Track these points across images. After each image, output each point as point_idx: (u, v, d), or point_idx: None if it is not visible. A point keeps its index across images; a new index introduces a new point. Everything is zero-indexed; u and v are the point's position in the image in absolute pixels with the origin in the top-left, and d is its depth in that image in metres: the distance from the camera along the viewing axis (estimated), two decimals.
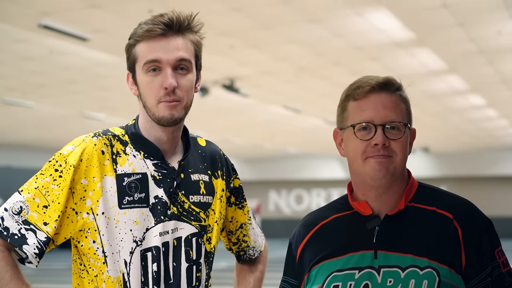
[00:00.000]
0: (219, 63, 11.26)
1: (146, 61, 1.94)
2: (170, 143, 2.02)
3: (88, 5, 8.18)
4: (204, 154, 2.13)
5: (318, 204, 27.16)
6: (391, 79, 1.86)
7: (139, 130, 2.02)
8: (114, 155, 1.97)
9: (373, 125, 1.83)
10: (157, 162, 2.00)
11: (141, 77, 1.97)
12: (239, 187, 2.21)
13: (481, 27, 9.54)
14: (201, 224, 2.03)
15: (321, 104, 15.06)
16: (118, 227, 1.93)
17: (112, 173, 1.95)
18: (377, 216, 1.88)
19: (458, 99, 15.32)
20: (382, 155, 1.82)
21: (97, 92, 13.82)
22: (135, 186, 1.96)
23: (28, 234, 1.88)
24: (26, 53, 10.57)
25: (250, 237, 2.24)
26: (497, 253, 1.85)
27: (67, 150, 1.96)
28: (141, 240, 1.94)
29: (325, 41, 10.05)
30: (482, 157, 26.67)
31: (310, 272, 1.92)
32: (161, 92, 1.94)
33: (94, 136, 1.99)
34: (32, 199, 1.91)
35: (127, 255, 1.93)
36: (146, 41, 1.95)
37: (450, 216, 1.85)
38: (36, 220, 1.89)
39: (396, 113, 1.84)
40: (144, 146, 2.00)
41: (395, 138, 1.83)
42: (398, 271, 1.81)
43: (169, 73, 1.93)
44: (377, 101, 1.84)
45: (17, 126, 18.16)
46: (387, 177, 1.83)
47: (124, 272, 1.93)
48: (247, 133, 21.08)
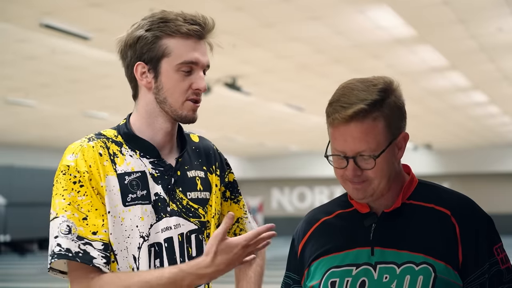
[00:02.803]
0: (221, 62, 11.26)
1: (185, 61, 1.96)
2: (168, 140, 2.04)
3: (89, 4, 8.19)
4: (198, 150, 2.14)
5: (321, 201, 27.15)
6: (360, 108, 1.79)
7: (131, 129, 2.03)
8: (111, 156, 1.98)
9: (344, 158, 1.82)
10: (153, 160, 2.00)
11: (170, 74, 1.97)
12: (233, 181, 2.22)
13: (482, 24, 9.54)
14: (201, 220, 2.05)
15: (323, 101, 14.85)
16: (124, 224, 1.94)
17: (113, 172, 1.96)
18: (374, 213, 1.89)
19: (460, 96, 15.31)
20: (357, 182, 1.83)
21: (99, 91, 13.83)
22: (136, 184, 1.97)
23: (88, 248, 1.88)
24: (28, 53, 10.59)
25: (247, 231, 2.24)
26: (496, 250, 1.84)
27: (71, 159, 1.95)
28: (148, 236, 1.95)
29: (326, 38, 10.05)
30: (485, 154, 26.65)
31: (310, 267, 1.94)
32: (189, 91, 1.98)
33: (89, 140, 1.99)
34: (72, 215, 1.89)
35: (135, 250, 1.94)
36: (183, 39, 1.97)
37: (448, 213, 1.85)
38: (85, 234, 1.88)
39: (367, 144, 1.79)
40: (139, 145, 2.01)
41: (368, 167, 1.81)
42: (394, 267, 1.82)
43: (203, 76, 2.00)
44: (346, 133, 1.81)
45: (20, 125, 18.18)
46: (368, 198, 1.85)
47: (134, 267, 1.94)
48: (249, 131, 21.08)
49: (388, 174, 1.84)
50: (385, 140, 1.82)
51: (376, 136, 1.81)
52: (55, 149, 20.81)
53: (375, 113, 1.80)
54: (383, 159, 1.82)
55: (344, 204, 1.97)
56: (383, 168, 1.82)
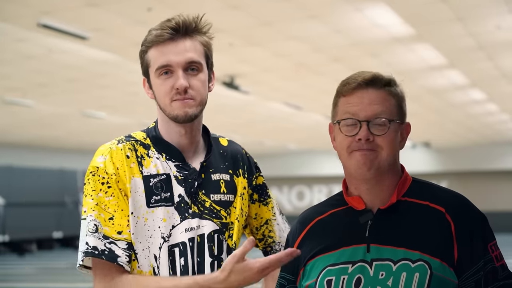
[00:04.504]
0: (219, 61, 11.19)
1: (158, 66, 2.04)
2: (189, 143, 2.11)
3: (87, 4, 8.18)
4: (226, 154, 2.21)
5: (319, 200, 27.08)
6: (378, 75, 1.89)
7: (159, 133, 2.12)
8: (139, 158, 2.07)
9: (358, 121, 1.86)
10: (178, 163, 2.09)
11: (155, 81, 2.07)
12: (262, 184, 2.29)
13: (480, 22, 9.54)
14: (222, 221, 2.11)
15: (322, 100, 15.05)
16: (147, 225, 2.02)
17: (139, 174, 2.05)
18: (369, 210, 1.90)
19: (458, 94, 15.32)
20: (366, 149, 1.86)
21: (97, 91, 13.82)
22: (160, 186, 2.06)
23: (113, 247, 1.98)
24: (26, 52, 10.58)
25: (275, 232, 2.29)
26: (491, 247, 1.86)
27: (100, 161, 2.05)
28: (168, 236, 2.03)
29: (324, 37, 10.04)
30: (483, 152, 26.67)
31: (305, 267, 1.95)
32: (172, 92, 2.04)
33: (119, 142, 2.09)
34: (99, 215, 2.00)
35: (156, 250, 2.02)
36: (156, 47, 2.05)
37: (443, 210, 1.87)
38: (110, 233, 1.99)
39: (382, 108, 1.86)
40: (165, 148, 2.10)
41: (380, 133, 1.85)
42: (390, 264, 1.83)
43: (180, 75, 2.03)
44: (363, 96, 1.87)
45: (18, 125, 18.16)
46: (372, 170, 1.86)
47: (155, 266, 2.02)
48: (248, 130, 21.08)
49: (395, 151, 1.88)
50: (396, 116, 1.88)
51: (391, 107, 1.88)
52: (54, 149, 20.82)
53: (390, 88, 1.89)
54: (393, 132, 1.87)
55: (338, 203, 1.98)
56: (392, 139, 1.86)
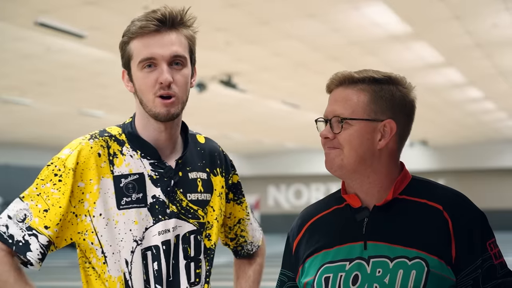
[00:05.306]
0: (216, 59, 11.26)
1: (142, 59, 1.95)
2: (167, 141, 2.02)
3: (84, 2, 8.18)
4: (203, 151, 2.13)
5: (317, 198, 27.09)
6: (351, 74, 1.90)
7: (135, 129, 2.02)
8: (111, 157, 1.98)
9: (324, 121, 1.91)
10: (153, 161, 2.00)
11: (136, 74, 1.97)
12: (237, 183, 2.22)
13: (478, 20, 9.54)
14: (200, 221, 2.05)
15: (319, 99, 15.05)
16: (117, 228, 1.94)
17: (109, 175, 1.96)
18: (365, 208, 1.90)
19: (456, 92, 15.33)
20: (328, 147, 1.89)
21: (95, 89, 13.82)
22: (132, 186, 1.97)
23: (31, 239, 1.89)
24: (24, 51, 10.57)
25: (248, 232, 2.25)
26: (489, 245, 1.85)
27: (64, 154, 1.96)
28: (141, 240, 1.95)
29: (322, 36, 10.05)
30: (481, 150, 26.68)
31: (304, 264, 1.95)
32: (156, 86, 1.94)
33: (91, 138, 1.99)
34: (35, 206, 1.92)
35: (128, 254, 1.94)
36: (140, 38, 1.96)
37: (440, 208, 1.86)
38: (37, 225, 1.90)
39: (344, 107, 1.87)
40: (140, 145, 2.00)
41: (336, 131, 1.87)
42: (386, 261, 1.83)
43: (165, 69, 1.94)
44: (331, 97, 1.93)
45: (16, 124, 18.15)
46: (335, 168, 1.88)
47: (126, 271, 1.94)
48: (246, 129, 21.08)
49: (360, 151, 1.86)
50: (362, 114, 1.87)
51: (353, 105, 1.87)
52: (52, 147, 20.78)
53: (362, 85, 1.88)
54: (356, 131, 1.86)
55: (337, 201, 1.98)
56: (353, 139, 1.86)
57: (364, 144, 1.86)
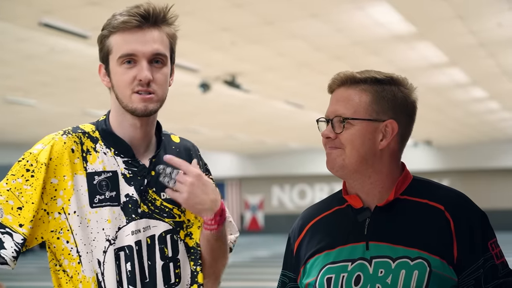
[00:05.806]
0: (220, 59, 11.26)
1: (122, 54, 1.92)
2: (142, 138, 2.00)
3: (88, 3, 8.19)
4: (179, 150, 2.10)
5: (321, 198, 27.04)
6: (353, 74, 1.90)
7: (110, 126, 2.00)
8: (84, 153, 1.94)
9: (325, 120, 1.91)
10: (127, 159, 1.97)
11: (115, 69, 1.94)
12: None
13: (481, 19, 9.53)
14: (176, 220, 2.01)
15: (323, 98, 15.01)
16: (90, 226, 1.90)
17: (82, 171, 1.92)
18: (367, 208, 1.90)
19: (460, 92, 15.31)
20: (330, 147, 1.89)
21: (99, 90, 13.82)
22: (105, 184, 1.93)
23: (5, 237, 1.84)
24: (27, 52, 10.59)
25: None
26: (491, 245, 1.85)
27: (37, 149, 1.92)
28: (114, 239, 1.91)
29: (326, 36, 10.04)
30: (485, 150, 26.64)
31: (306, 265, 1.95)
32: (134, 83, 1.92)
33: (64, 134, 1.96)
34: (5, 202, 1.86)
35: (100, 254, 1.91)
36: (121, 33, 1.93)
37: (442, 208, 1.86)
38: (11, 223, 1.85)
39: (346, 107, 1.88)
40: (114, 143, 1.98)
41: (338, 131, 1.87)
42: (389, 262, 1.83)
43: (145, 66, 1.91)
44: (333, 97, 1.93)
45: (20, 125, 18.18)
46: (337, 168, 1.88)
47: (98, 271, 1.90)
48: (249, 129, 21.08)
49: (361, 151, 1.86)
50: (364, 114, 1.87)
51: (355, 105, 1.88)
52: None
53: (364, 85, 1.88)
54: (357, 131, 1.86)
55: (338, 201, 1.99)
56: (354, 139, 1.86)
57: (365, 144, 1.87)
